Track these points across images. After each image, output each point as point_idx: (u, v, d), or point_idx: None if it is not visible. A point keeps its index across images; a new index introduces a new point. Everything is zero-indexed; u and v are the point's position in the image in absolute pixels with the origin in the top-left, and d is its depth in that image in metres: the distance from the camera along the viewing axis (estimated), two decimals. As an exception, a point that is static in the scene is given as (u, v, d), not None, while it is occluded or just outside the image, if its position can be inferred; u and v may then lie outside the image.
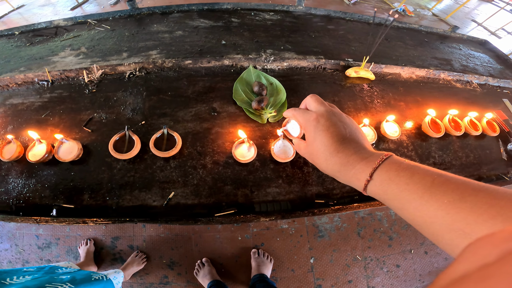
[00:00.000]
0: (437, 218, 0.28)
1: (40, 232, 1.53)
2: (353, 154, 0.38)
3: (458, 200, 0.27)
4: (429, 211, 0.28)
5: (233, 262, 1.52)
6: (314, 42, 1.01)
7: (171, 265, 1.52)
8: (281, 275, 1.52)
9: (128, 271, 1.40)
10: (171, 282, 1.51)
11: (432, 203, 0.28)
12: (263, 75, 0.82)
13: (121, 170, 0.68)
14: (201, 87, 0.80)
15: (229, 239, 1.55)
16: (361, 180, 0.36)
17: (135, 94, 0.77)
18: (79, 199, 0.66)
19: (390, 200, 0.33)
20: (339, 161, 0.39)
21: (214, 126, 0.72)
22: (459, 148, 0.82)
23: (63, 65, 0.82)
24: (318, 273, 1.55)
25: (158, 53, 0.87)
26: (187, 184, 0.66)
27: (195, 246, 1.53)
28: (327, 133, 0.40)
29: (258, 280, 1.36)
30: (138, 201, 0.66)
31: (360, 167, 0.36)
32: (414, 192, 0.30)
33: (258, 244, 1.55)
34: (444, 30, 1.28)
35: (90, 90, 0.78)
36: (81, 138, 0.71)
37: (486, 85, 1.02)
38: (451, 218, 0.26)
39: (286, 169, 0.68)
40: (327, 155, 0.40)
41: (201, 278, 1.45)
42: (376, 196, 0.35)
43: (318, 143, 0.41)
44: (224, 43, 0.94)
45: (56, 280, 0.80)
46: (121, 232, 1.54)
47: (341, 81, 0.87)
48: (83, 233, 1.53)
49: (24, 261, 1.49)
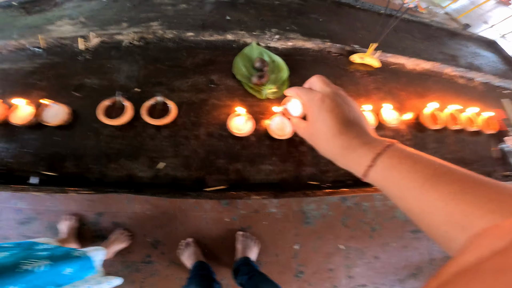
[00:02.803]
0: (435, 209, 0.27)
1: (20, 206, 1.46)
2: (355, 138, 0.37)
3: (458, 192, 0.26)
4: (428, 201, 0.28)
5: (219, 243, 1.51)
6: (321, 25, 0.97)
7: (155, 244, 1.50)
8: (265, 259, 1.52)
9: (111, 249, 1.36)
10: (154, 261, 1.49)
11: (432, 193, 0.28)
12: (265, 52, 0.78)
13: (108, 137, 0.64)
14: (200, 59, 0.75)
15: (216, 220, 1.53)
16: (362, 165, 0.35)
17: (130, 62, 0.72)
18: (61, 166, 0.61)
19: (390, 187, 0.33)
20: (340, 144, 0.37)
21: (211, 98, 0.69)
22: (453, 142, 0.81)
23: (58, 33, 0.76)
24: (300, 260, 1.56)
25: (159, 24, 0.81)
26: (177, 155, 0.63)
27: (181, 225, 1.51)
28: (331, 114, 0.38)
29: (243, 263, 1.35)
30: (124, 170, 0.62)
31: (362, 151, 0.35)
32: (415, 180, 0.29)
33: (245, 226, 1.54)
34: (454, 27, 1.25)
35: (84, 57, 0.73)
36: (69, 102, 0.66)
37: (488, 84, 1.02)
38: (449, 210, 0.26)
39: (282, 147, 0.66)
40: (328, 136, 0.38)
41: (185, 258, 1.43)
42: (375, 183, 0.35)
43: (321, 124, 0.39)
44: (228, 18, 0.89)
45: (33, 256, 0.76)
46: (105, 208, 1.49)
47: (344, 66, 0.85)
48: (66, 208, 1.47)
49: (3, 237, 1.42)
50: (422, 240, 1.68)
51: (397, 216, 1.69)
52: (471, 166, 0.80)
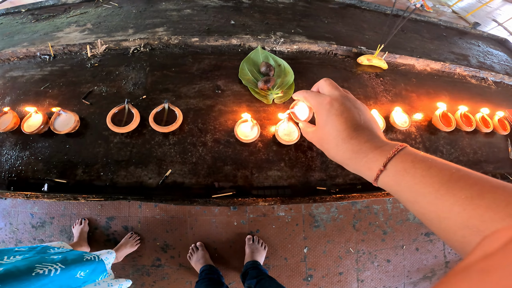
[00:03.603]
0: (451, 214, 0.26)
1: (35, 211, 1.49)
2: (366, 142, 0.36)
3: (476, 196, 0.25)
4: (444, 205, 0.27)
5: (227, 247, 1.50)
6: (327, 27, 0.95)
7: (165, 248, 1.50)
8: (274, 263, 1.50)
9: (121, 252, 1.38)
10: (164, 264, 1.49)
11: (448, 198, 0.26)
12: (271, 56, 0.77)
13: (117, 144, 0.64)
14: (206, 64, 0.75)
15: (225, 224, 1.52)
16: (373, 169, 0.34)
17: (138, 69, 0.73)
18: (72, 173, 0.62)
19: (403, 192, 0.31)
20: (350, 148, 0.36)
21: (217, 104, 0.68)
22: (467, 144, 0.78)
23: (67, 40, 0.78)
24: (310, 263, 1.53)
25: (164, 30, 0.82)
26: (185, 162, 0.63)
27: (190, 229, 1.51)
28: (341, 118, 0.38)
29: (251, 267, 1.34)
30: (133, 177, 0.62)
31: (373, 156, 0.34)
32: (430, 185, 0.28)
33: (254, 230, 1.53)
34: (464, 26, 1.22)
35: (93, 64, 0.74)
36: (80, 110, 0.67)
37: (502, 83, 0.98)
38: (467, 215, 0.25)
39: (289, 152, 0.64)
40: (338, 141, 0.37)
41: (194, 262, 1.43)
42: (387, 188, 0.33)
43: (330, 128, 0.38)
44: (233, 23, 0.89)
45: (47, 260, 0.77)
46: (116, 212, 1.51)
47: (352, 68, 0.83)
48: (78, 212, 1.49)
49: (18, 240, 1.46)
50: (436, 243, 1.63)
51: (410, 219, 1.64)
52: (487, 169, 0.76)
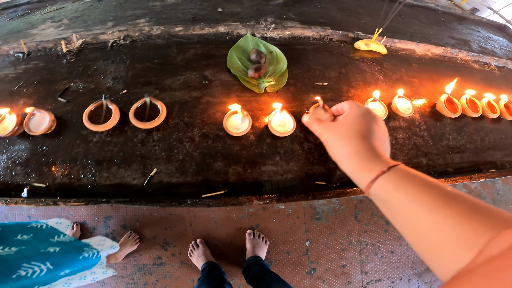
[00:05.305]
0: (446, 226, 0.25)
1: (32, 213, 1.44)
2: (376, 147, 0.37)
3: (472, 211, 0.25)
4: (439, 217, 0.26)
5: (228, 243, 1.45)
6: (321, 12, 0.87)
7: (165, 246, 1.45)
8: (276, 257, 1.45)
9: (121, 252, 1.34)
10: (165, 263, 1.44)
11: (445, 209, 0.26)
12: (262, 43, 0.70)
13: (97, 144, 0.57)
14: (192, 54, 0.68)
15: (224, 219, 1.47)
16: (374, 171, 0.34)
17: (117, 63, 0.65)
18: (51, 176, 0.55)
19: (401, 199, 0.30)
20: (361, 147, 0.38)
21: (205, 95, 0.61)
22: (474, 131, 0.71)
23: (42, 37, 0.70)
24: (313, 256, 1.48)
25: (146, 21, 0.74)
26: (171, 160, 0.56)
27: (189, 226, 1.45)
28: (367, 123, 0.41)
29: (253, 262, 1.29)
30: (116, 178, 0.55)
31: (378, 160, 0.35)
32: (429, 195, 0.28)
33: (254, 224, 1.47)
34: (462, 11, 1.14)
35: (69, 60, 0.66)
36: (55, 109, 0.60)
37: (505, 68, 0.91)
38: (461, 228, 0.24)
39: (285, 145, 0.57)
40: (355, 138, 0.39)
41: (195, 260, 1.38)
42: (384, 192, 0.33)
43: (355, 126, 0.41)
44: (220, 10, 0.81)
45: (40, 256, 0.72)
46: (113, 212, 1.45)
47: (349, 53, 0.75)
48: (75, 213, 1.44)
49: None
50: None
51: None
52: (495, 157, 0.70)
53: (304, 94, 0.64)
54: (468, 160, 0.66)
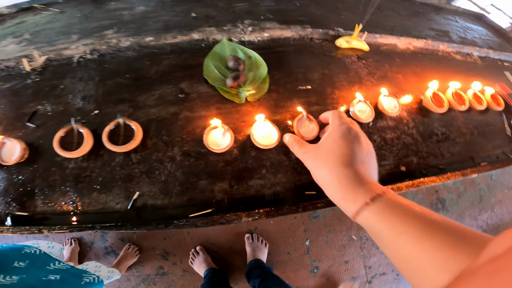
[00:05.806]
0: (427, 256, 0.26)
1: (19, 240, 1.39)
2: (361, 175, 0.36)
3: (453, 239, 0.26)
4: (423, 247, 0.27)
5: (228, 248, 1.43)
6: (299, 10, 0.84)
7: (165, 256, 1.42)
8: (277, 259, 1.44)
9: (123, 265, 1.31)
10: (167, 272, 1.42)
11: (427, 240, 0.27)
12: (239, 48, 0.66)
13: (74, 170, 0.53)
14: (165, 66, 0.64)
15: (222, 225, 1.45)
16: (358, 202, 0.33)
17: (86, 80, 0.61)
18: (32, 205, 0.52)
19: (385, 230, 0.30)
20: (346, 175, 0.36)
21: (183, 110, 0.57)
22: (462, 124, 0.69)
23: (3, 55, 0.65)
24: (314, 255, 1.47)
25: (114, 32, 0.69)
26: (154, 182, 0.53)
27: (187, 234, 1.43)
28: (351, 145, 0.39)
29: (254, 265, 1.28)
30: (98, 204, 0.52)
31: (362, 190, 0.34)
32: (413, 226, 0.28)
33: (252, 228, 1.45)
34: (438, 1, 1.12)
35: (34, 80, 0.61)
36: (26, 135, 0.56)
37: (487, 58, 0.89)
38: (444, 257, 0.25)
39: (270, 157, 0.55)
40: (338, 164, 0.37)
41: (197, 267, 1.36)
42: (368, 223, 0.32)
43: (336, 150, 0.39)
44: (194, 15, 0.76)
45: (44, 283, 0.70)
46: (109, 227, 1.42)
47: (331, 52, 0.72)
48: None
49: None
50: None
51: (414, 200, 1.58)
52: (486, 149, 0.68)
53: (288, 100, 0.61)
54: (459, 155, 0.65)
